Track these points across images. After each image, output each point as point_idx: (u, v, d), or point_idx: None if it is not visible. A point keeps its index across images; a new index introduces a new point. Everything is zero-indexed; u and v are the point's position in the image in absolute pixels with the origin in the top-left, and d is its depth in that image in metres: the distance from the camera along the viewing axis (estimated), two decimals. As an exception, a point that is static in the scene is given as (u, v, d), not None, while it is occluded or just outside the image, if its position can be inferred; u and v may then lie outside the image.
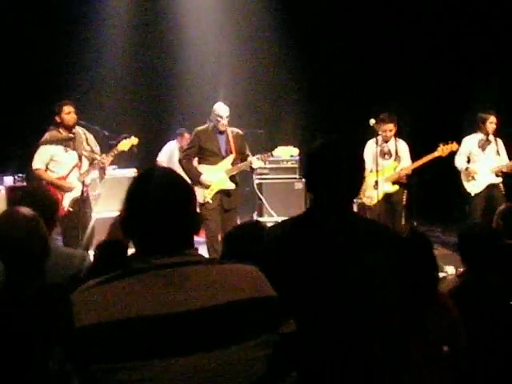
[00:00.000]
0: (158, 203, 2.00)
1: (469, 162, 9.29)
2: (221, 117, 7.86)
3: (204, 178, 7.88)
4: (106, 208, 9.13)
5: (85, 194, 7.99)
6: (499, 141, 9.26)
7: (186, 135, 11.04)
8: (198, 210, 8.87)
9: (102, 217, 8.87)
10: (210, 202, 7.87)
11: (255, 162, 7.88)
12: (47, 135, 7.91)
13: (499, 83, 11.22)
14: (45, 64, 11.80)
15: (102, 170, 8.28)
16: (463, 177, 9.29)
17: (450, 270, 8.36)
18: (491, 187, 9.12)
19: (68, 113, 7.82)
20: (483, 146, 9.24)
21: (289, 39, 12.79)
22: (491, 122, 9.19)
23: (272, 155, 8.07)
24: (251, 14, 13.01)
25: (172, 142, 11.49)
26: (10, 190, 9.93)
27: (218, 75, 12.71)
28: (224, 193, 7.94)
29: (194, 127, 8.24)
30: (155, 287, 1.93)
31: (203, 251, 7.64)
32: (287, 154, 8.53)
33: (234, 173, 7.94)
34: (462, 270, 7.75)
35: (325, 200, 2.70)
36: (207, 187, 7.86)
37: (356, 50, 12.52)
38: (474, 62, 11.77)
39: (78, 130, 8.02)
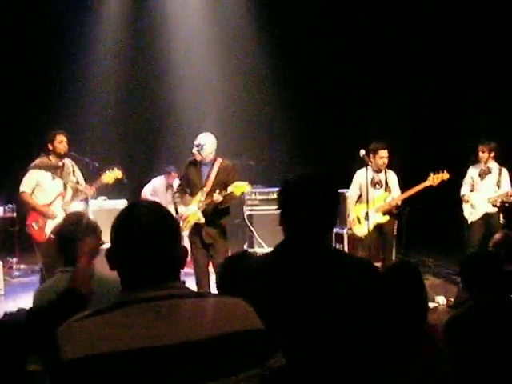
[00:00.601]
0: (143, 236, 2.01)
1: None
2: (194, 146, 7.80)
3: (180, 210, 7.90)
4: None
5: None
6: (504, 171, 9.32)
7: (174, 174, 11.12)
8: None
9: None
10: (186, 233, 7.85)
11: (214, 196, 7.62)
12: (37, 161, 8.15)
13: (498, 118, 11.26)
14: (34, 95, 11.90)
15: (86, 200, 8.45)
16: (463, 205, 9.39)
17: (441, 300, 8.36)
18: (488, 216, 9.19)
19: (60, 141, 8.08)
20: (482, 175, 9.34)
21: (282, 70, 12.96)
22: (478, 151, 9.33)
23: (226, 191, 7.67)
24: (242, 46, 13.13)
25: (157, 178, 11.44)
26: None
27: (208, 106, 12.79)
28: (202, 226, 7.78)
29: (183, 160, 8.22)
30: (141, 320, 1.93)
31: (192, 282, 7.66)
32: (239, 190, 7.93)
33: (203, 206, 7.72)
34: (453, 300, 7.85)
35: (297, 234, 2.71)
36: (184, 219, 7.81)
37: (349, 82, 12.61)
38: (469, 96, 11.84)
39: (67, 161, 8.27)
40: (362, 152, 8.28)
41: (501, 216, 9.20)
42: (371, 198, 8.45)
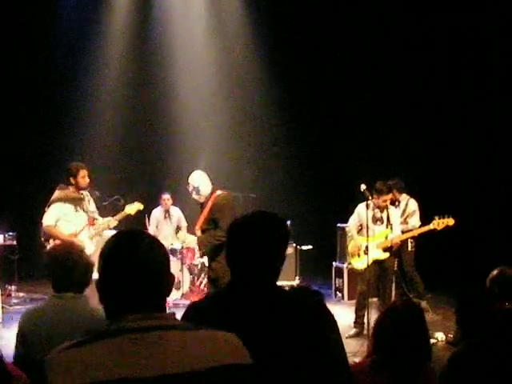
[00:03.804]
0: (133, 265, 2.02)
1: None
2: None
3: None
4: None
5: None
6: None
7: (163, 196, 11.45)
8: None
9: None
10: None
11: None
12: (58, 193, 8.12)
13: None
14: (36, 126, 11.98)
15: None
16: None
17: (440, 337, 8.30)
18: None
19: (83, 176, 8.11)
20: None
21: (283, 100, 12.93)
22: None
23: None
24: (245, 76, 13.21)
25: (157, 209, 11.64)
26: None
27: (210, 137, 12.79)
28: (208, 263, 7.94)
29: (184, 187, 8.24)
30: (129, 351, 1.91)
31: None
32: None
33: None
34: (452, 336, 7.78)
35: (243, 275, 2.71)
36: None
37: (351, 115, 12.63)
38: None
39: (84, 192, 8.32)
40: (363, 187, 8.18)
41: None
42: (372, 233, 8.45)
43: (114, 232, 7.37)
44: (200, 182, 7.69)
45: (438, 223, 8.79)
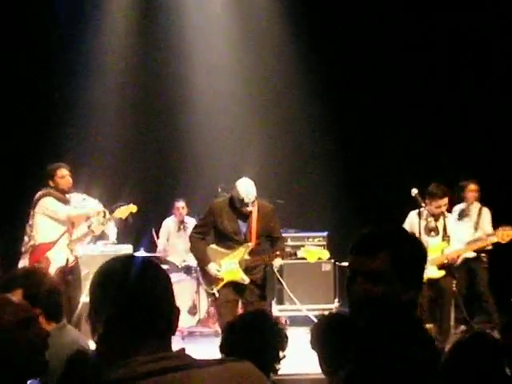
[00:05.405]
0: (131, 297, 1.87)
1: None
2: (246, 204, 6.89)
3: (211, 267, 7.10)
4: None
5: (73, 264, 7.79)
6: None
7: (177, 204, 10.61)
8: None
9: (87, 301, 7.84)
10: (217, 294, 7.14)
11: (277, 261, 7.25)
12: (44, 190, 7.71)
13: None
14: (36, 133, 11.43)
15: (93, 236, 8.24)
16: None
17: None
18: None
19: (62, 176, 7.67)
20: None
21: (318, 104, 12.29)
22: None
23: (296, 255, 7.45)
24: (276, 79, 12.62)
25: (169, 219, 10.81)
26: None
27: (231, 137, 12.19)
28: (242, 284, 7.15)
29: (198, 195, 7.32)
30: None
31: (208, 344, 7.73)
32: (313, 257, 7.60)
33: (249, 265, 7.12)
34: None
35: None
36: (215, 278, 7.13)
37: (396, 118, 11.90)
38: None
39: (77, 195, 7.93)
40: (415, 191, 7.75)
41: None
42: (425, 246, 7.27)
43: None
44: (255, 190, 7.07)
45: (501, 235, 8.06)
